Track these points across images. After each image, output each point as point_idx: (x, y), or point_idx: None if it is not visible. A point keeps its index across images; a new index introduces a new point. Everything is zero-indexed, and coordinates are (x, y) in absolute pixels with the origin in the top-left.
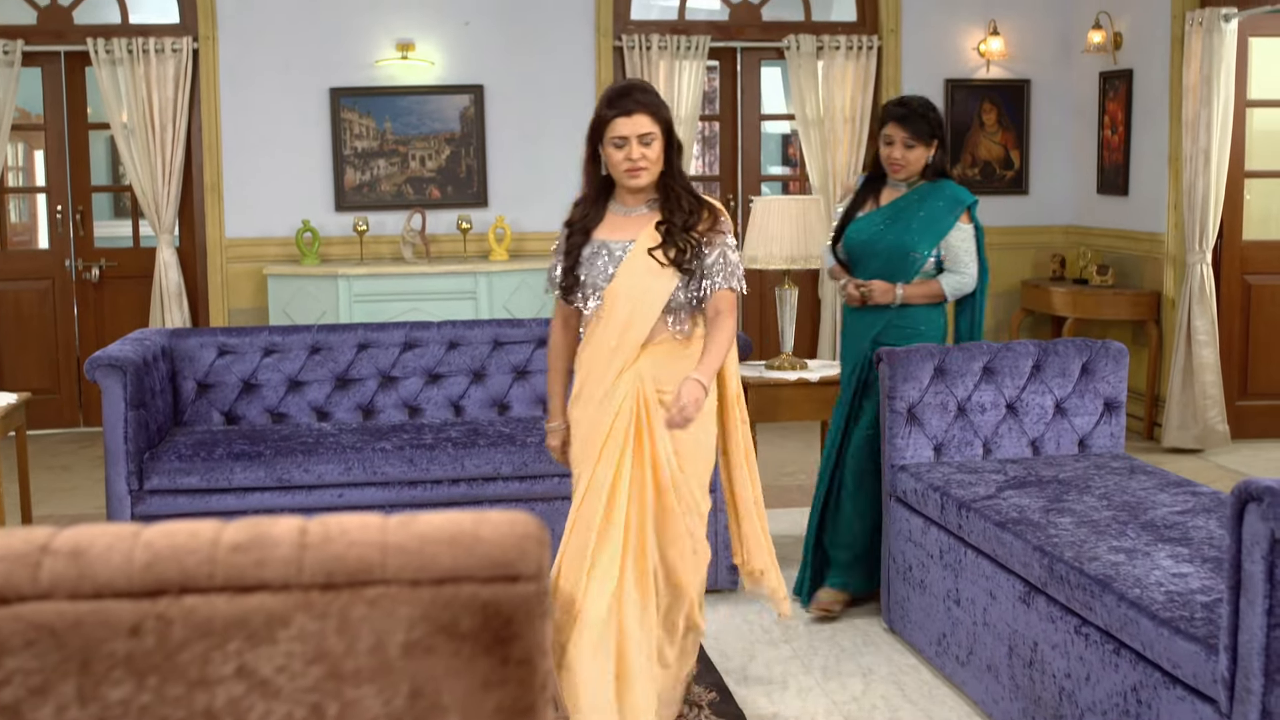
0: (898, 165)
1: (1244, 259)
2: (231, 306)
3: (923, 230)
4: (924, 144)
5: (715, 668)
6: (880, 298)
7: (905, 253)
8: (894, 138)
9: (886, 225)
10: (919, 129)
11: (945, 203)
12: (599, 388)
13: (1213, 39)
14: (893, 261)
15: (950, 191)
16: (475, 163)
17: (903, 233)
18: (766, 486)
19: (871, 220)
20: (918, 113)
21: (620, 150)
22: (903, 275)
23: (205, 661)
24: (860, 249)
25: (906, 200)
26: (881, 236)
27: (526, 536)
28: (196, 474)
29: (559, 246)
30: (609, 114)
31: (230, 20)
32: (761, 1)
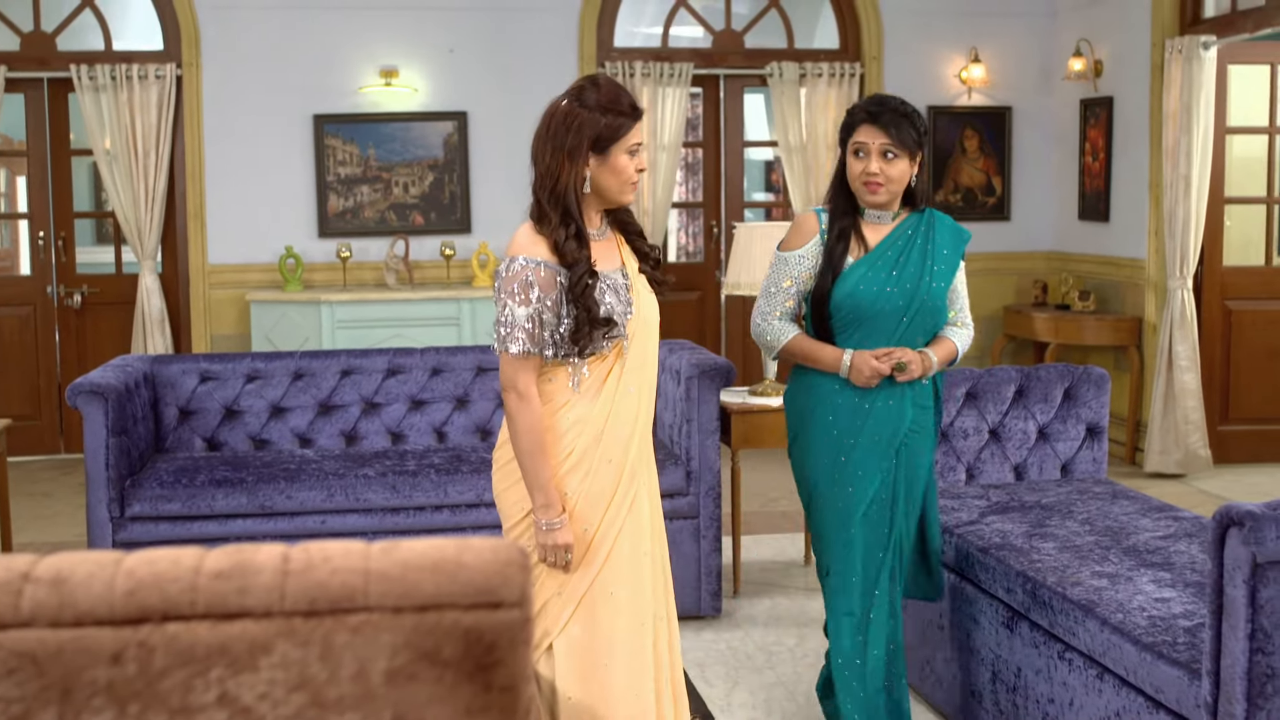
0: (875, 184)
1: (1224, 284)
2: (214, 333)
3: (944, 272)
4: (908, 155)
5: (699, 695)
6: (919, 371)
7: (938, 304)
8: (868, 146)
9: (900, 272)
10: (902, 134)
11: (952, 236)
12: (615, 446)
13: (1192, 66)
14: (920, 322)
15: (949, 221)
16: (459, 189)
17: (931, 279)
18: (752, 513)
19: (874, 268)
20: (898, 112)
21: (634, 158)
22: (928, 335)
23: (187, 689)
24: (870, 308)
25: (904, 237)
26: (899, 288)
27: (509, 563)
28: (178, 501)
29: (544, 295)
30: (632, 117)
31: (214, 47)
32: (744, 29)
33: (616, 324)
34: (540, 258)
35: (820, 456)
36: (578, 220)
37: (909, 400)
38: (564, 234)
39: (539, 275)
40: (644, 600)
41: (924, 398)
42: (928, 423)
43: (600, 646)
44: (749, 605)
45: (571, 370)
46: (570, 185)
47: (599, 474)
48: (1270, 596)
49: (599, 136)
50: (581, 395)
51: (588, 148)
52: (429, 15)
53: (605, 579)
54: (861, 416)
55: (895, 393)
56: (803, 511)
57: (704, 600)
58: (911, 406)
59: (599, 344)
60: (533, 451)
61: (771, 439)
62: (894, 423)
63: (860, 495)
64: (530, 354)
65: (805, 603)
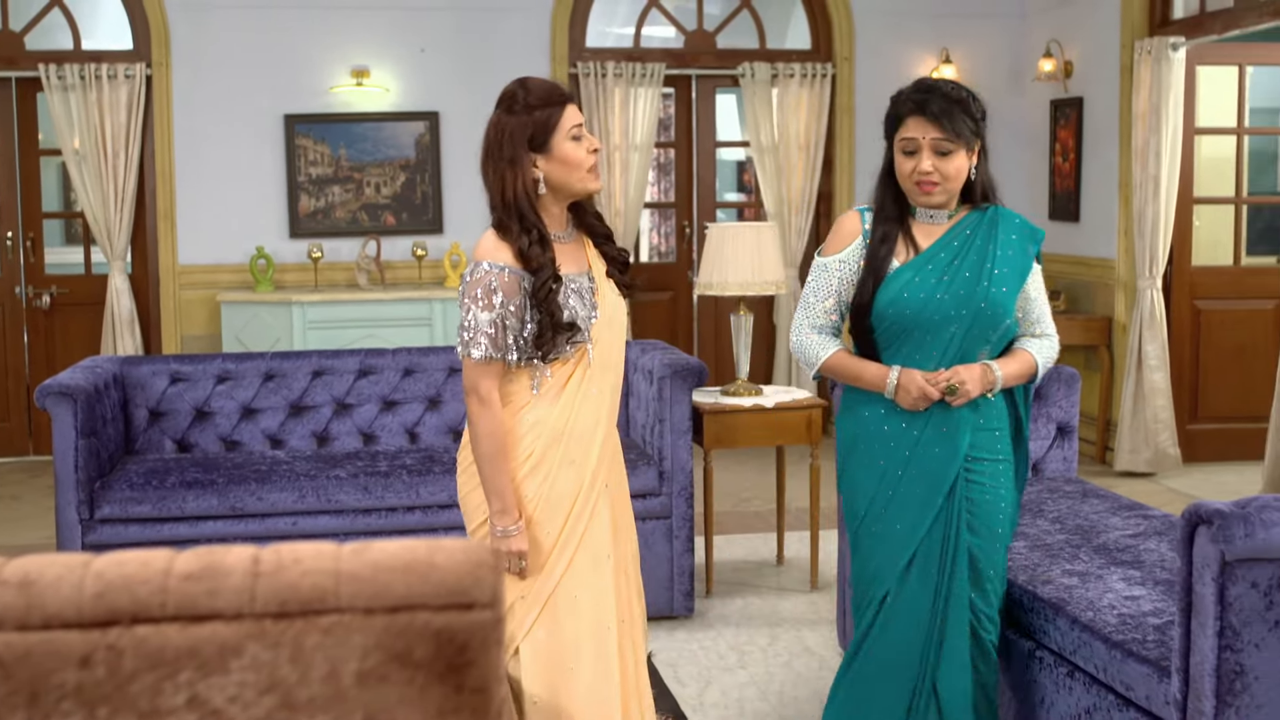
0: (929, 184)
1: (1193, 284)
2: (184, 334)
3: (1010, 275)
4: (964, 147)
5: (671, 694)
6: (978, 389)
7: (1000, 312)
8: (918, 141)
9: (951, 274)
10: (956, 125)
11: (1020, 235)
12: (577, 448)
13: (1161, 68)
14: (980, 333)
15: (1018, 218)
16: (430, 189)
17: (990, 283)
18: (724, 514)
19: (923, 271)
20: (949, 99)
21: (581, 142)
22: (994, 348)
23: (156, 692)
24: (917, 318)
25: (961, 237)
26: (950, 294)
27: (481, 564)
28: (148, 502)
29: (507, 300)
30: (560, 104)
31: (184, 46)
32: (716, 29)
33: (580, 328)
34: (504, 263)
35: (866, 490)
36: (538, 225)
37: (966, 426)
38: (527, 240)
39: (502, 280)
40: (608, 604)
41: (991, 419)
42: (997, 448)
43: (565, 650)
44: (721, 605)
45: (534, 373)
46: (521, 192)
47: (561, 476)
48: (1238, 594)
49: (533, 135)
50: (542, 397)
51: (525, 150)
52: (400, 15)
53: (569, 583)
54: (909, 445)
55: (951, 419)
56: (776, 512)
57: (676, 600)
58: (970, 431)
59: (562, 348)
60: (491, 457)
61: (743, 439)
62: (946, 455)
63: (908, 537)
64: (492, 359)
65: (777, 602)
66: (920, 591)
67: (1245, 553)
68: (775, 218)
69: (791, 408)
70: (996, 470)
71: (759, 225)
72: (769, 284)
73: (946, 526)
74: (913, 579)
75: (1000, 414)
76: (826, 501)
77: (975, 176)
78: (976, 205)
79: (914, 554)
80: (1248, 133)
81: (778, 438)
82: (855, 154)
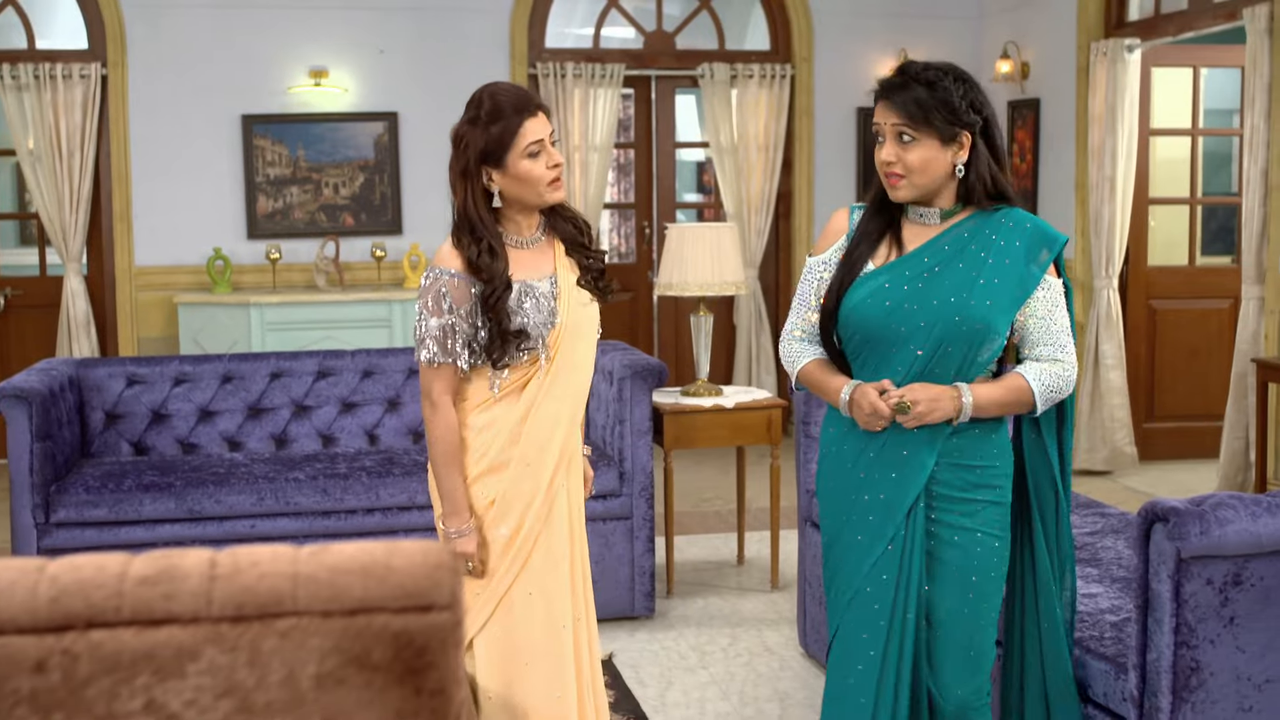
0: (892, 175)
1: (1149, 284)
2: (141, 336)
3: (1004, 288)
4: (934, 137)
5: (633, 695)
6: (936, 414)
7: (979, 329)
8: (882, 127)
9: (928, 282)
10: (922, 110)
11: (1025, 240)
12: (533, 448)
13: (1117, 69)
14: (954, 351)
15: (1030, 222)
16: (389, 190)
17: (972, 295)
18: (684, 513)
19: (895, 277)
20: (918, 81)
21: (539, 159)
22: (964, 371)
23: (112, 697)
24: (880, 328)
25: (956, 241)
26: (923, 304)
27: (439, 566)
28: (105, 506)
29: (456, 306)
30: (517, 119)
31: (140, 46)
32: (676, 30)
33: (529, 335)
34: (454, 269)
35: (826, 511)
36: (488, 235)
37: (928, 453)
38: (476, 250)
39: (453, 286)
40: (563, 602)
41: (972, 452)
42: (981, 487)
43: (520, 647)
44: (682, 605)
45: (492, 375)
46: (472, 203)
47: (516, 477)
48: (1194, 591)
49: (485, 151)
50: (500, 399)
51: (478, 164)
52: (359, 15)
53: (524, 581)
54: (863, 467)
55: (910, 443)
56: (736, 513)
57: (637, 601)
58: (934, 460)
59: (513, 355)
60: (441, 460)
61: (703, 439)
62: (901, 483)
63: (866, 554)
64: (443, 364)
65: (738, 602)
66: (869, 638)
67: (1200, 550)
68: (735, 218)
69: (752, 408)
70: (976, 513)
71: (719, 226)
72: (729, 284)
73: (899, 570)
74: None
75: (992, 448)
76: (787, 501)
77: (964, 173)
78: (981, 206)
79: (863, 589)
80: (1202, 134)
81: (738, 438)
82: (814, 154)
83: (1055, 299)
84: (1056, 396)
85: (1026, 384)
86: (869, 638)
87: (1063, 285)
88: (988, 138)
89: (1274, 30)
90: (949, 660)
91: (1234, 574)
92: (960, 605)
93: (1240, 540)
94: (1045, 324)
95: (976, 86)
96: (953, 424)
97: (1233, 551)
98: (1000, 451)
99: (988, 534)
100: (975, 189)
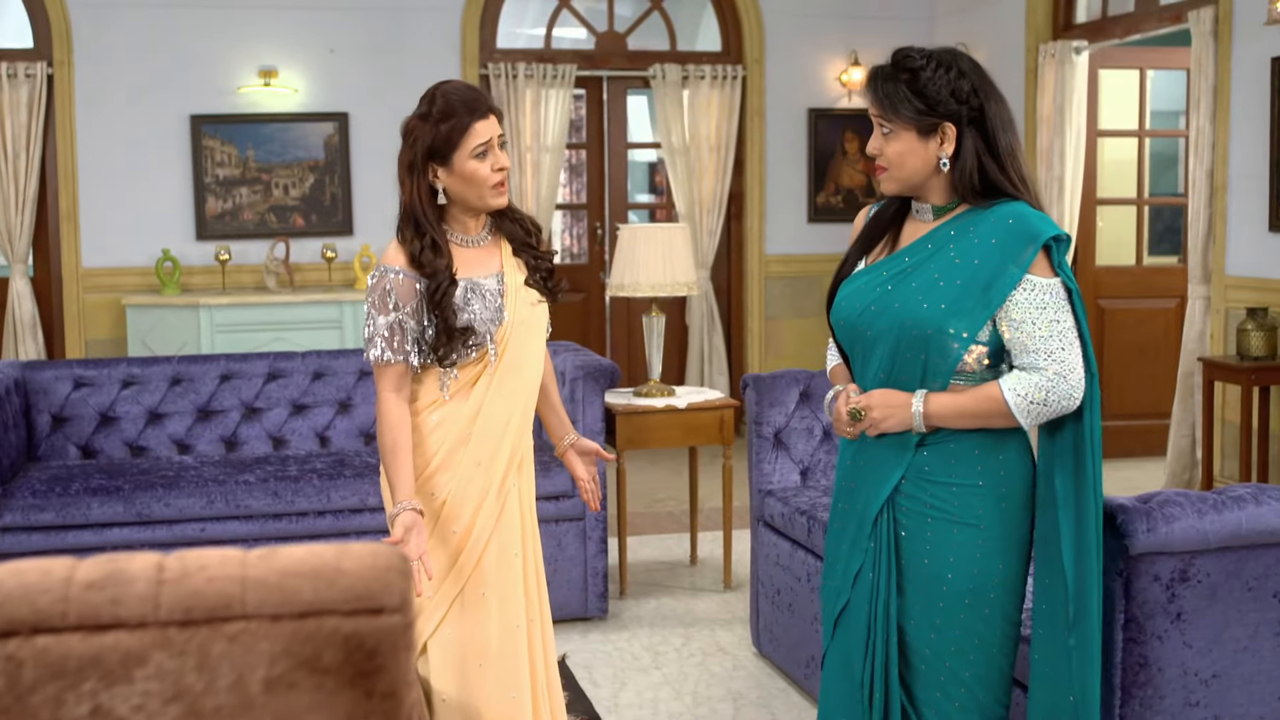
0: (878, 167)
1: (1097, 284)
2: (88, 338)
3: (965, 290)
4: (911, 129)
5: (586, 696)
6: (891, 422)
7: (930, 334)
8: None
9: (898, 284)
10: (895, 101)
11: (1002, 237)
12: (484, 448)
13: (1065, 71)
14: (910, 352)
15: (1014, 217)
16: (340, 191)
17: (928, 294)
18: (637, 514)
19: (874, 277)
20: (900, 69)
21: (485, 160)
22: (927, 379)
23: (59, 703)
24: (850, 329)
25: (941, 239)
26: (886, 306)
27: (390, 569)
28: (52, 510)
29: (402, 304)
30: (468, 119)
31: (86, 45)
32: (627, 31)
33: (476, 332)
34: (399, 267)
35: (832, 508)
36: (431, 231)
37: (898, 464)
38: (419, 245)
39: (397, 284)
40: (516, 602)
41: (942, 470)
42: (954, 504)
43: (473, 648)
44: (635, 606)
45: (442, 374)
46: (415, 199)
47: (468, 476)
48: (1142, 588)
49: (432, 148)
50: (449, 398)
51: (424, 160)
52: (309, 15)
53: (477, 582)
54: (845, 475)
55: (881, 452)
56: (689, 513)
57: (590, 601)
58: (908, 475)
59: (460, 352)
60: (388, 449)
61: (656, 440)
62: (870, 493)
63: (842, 585)
64: (390, 361)
65: (691, 602)
66: (851, 651)
67: (1148, 547)
68: (687, 219)
69: (704, 408)
70: (949, 535)
71: (670, 226)
72: (681, 285)
73: (872, 586)
74: (841, 634)
75: (972, 465)
76: (739, 501)
77: (951, 166)
78: (976, 202)
79: (846, 604)
80: (1148, 135)
81: (690, 438)
82: (766, 155)
83: (1042, 301)
84: (1048, 409)
85: (999, 392)
86: (853, 656)
87: (1062, 285)
88: (981, 128)
89: (1219, 33)
90: (916, 684)
91: (1181, 571)
92: (925, 629)
93: (1187, 537)
94: (1027, 329)
95: (970, 73)
96: (914, 433)
97: (1180, 548)
98: (986, 470)
99: (961, 558)
100: (959, 182)
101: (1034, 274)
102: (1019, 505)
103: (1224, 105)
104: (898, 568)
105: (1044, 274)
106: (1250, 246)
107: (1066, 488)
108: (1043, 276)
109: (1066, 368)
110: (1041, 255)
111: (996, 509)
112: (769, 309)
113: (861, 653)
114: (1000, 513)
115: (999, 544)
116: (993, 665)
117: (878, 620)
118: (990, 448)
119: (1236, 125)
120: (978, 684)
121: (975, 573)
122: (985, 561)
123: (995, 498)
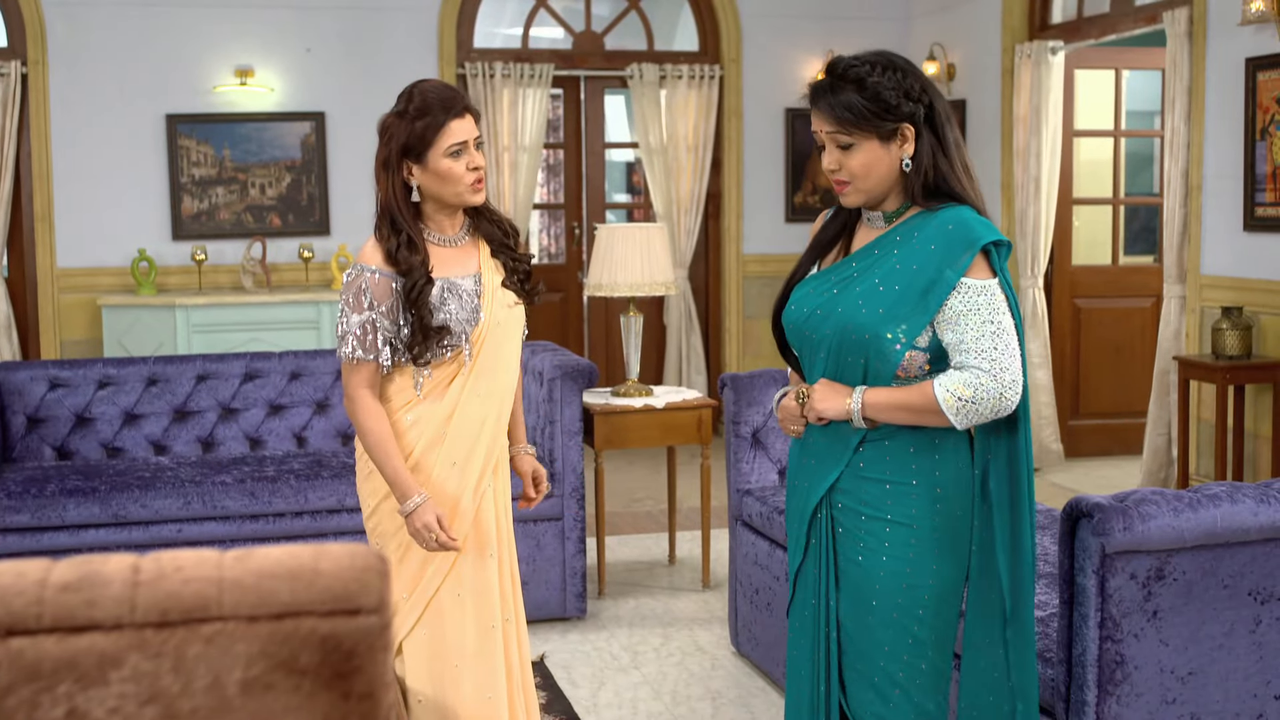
0: (839, 183)
1: (1074, 283)
2: (64, 338)
3: (903, 295)
4: (872, 136)
5: (565, 696)
6: (828, 404)
7: (868, 339)
8: (820, 136)
9: (842, 289)
10: (852, 111)
11: (941, 242)
12: (459, 448)
13: (1041, 71)
14: (850, 357)
15: (954, 222)
16: (317, 190)
17: (868, 299)
18: (616, 514)
19: (821, 284)
20: (847, 80)
21: (460, 159)
22: (872, 380)
23: (34, 706)
24: (797, 334)
25: (888, 244)
26: (829, 310)
27: (367, 569)
28: (27, 512)
29: (377, 302)
30: (444, 117)
31: (61, 44)
32: (605, 30)
33: (452, 331)
34: (375, 265)
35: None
36: (407, 229)
37: (837, 462)
38: (395, 243)
39: (373, 282)
40: (491, 603)
41: (879, 467)
42: (886, 503)
43: (449, 648)
44: (614, 606)
45: (416, 373)
46: (391, 196)
47: (443, 477)
48: (1118, 585)
49: (407, 145)
50: (423, 398)
51: (399, 157)
52: (285, 14)
53: (453, 583)
54: (795, 471)
55: (821, 448)
56: (667, 512)
57: (569, 601)
58: (846, 472)
59: (435, 351)
60: (375, 448)
61: (634, 439)
62: (808, 489)
63: (790, 572)
64: (363, 360)
65: (670, 602)
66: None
67: (1124, 545)
68: (664, 218)
69: (682, 408)
70: (882, 532)
71: (648, 226)
72: (659, 285)
73: (815, 583)
74: (792, 631)
75: (907, 464)
76: (718, 501)
77: (913, 169)
78: (928, 205)
79: (792, 599)
80: (1124, 135)
81: (668, 438)
82: (744, 154)
83: (975, 304)
84: (978, 410)
85: (930, 392)
86: (803, 652)
87: (1000, 288)
88: (933, 126)
89: (1193, 33)
90: (852, 682)
91: (1157, 569)
92: (858, 628)
93: (1163, 535)
94: (960, 329)
95: (912, 72)
96: (854, 428)
97: (1156, 546)
98: (921, 470)
99: (894, 557)
100: (913, 184)
101: (970, 277)
102: (954, 506)
103: (1199, 105)
104: (835, 565)
105: (981, 275)
106: (1225, 246)
107: (1001, 489)
108: (979, 279)
109: (999, 367)
110: (980, 259)
111: (930, 509)
112: (747, 308)
113: (809, 649)
114: (934, 513)
115: (932, 544)
116: (929, 666)
117: (820, 617)
118: (925, 447)
119: (1211, 125)
120: (911, 684)
121: (908, 571)
122: (918, 561)
123: (930, 498)
